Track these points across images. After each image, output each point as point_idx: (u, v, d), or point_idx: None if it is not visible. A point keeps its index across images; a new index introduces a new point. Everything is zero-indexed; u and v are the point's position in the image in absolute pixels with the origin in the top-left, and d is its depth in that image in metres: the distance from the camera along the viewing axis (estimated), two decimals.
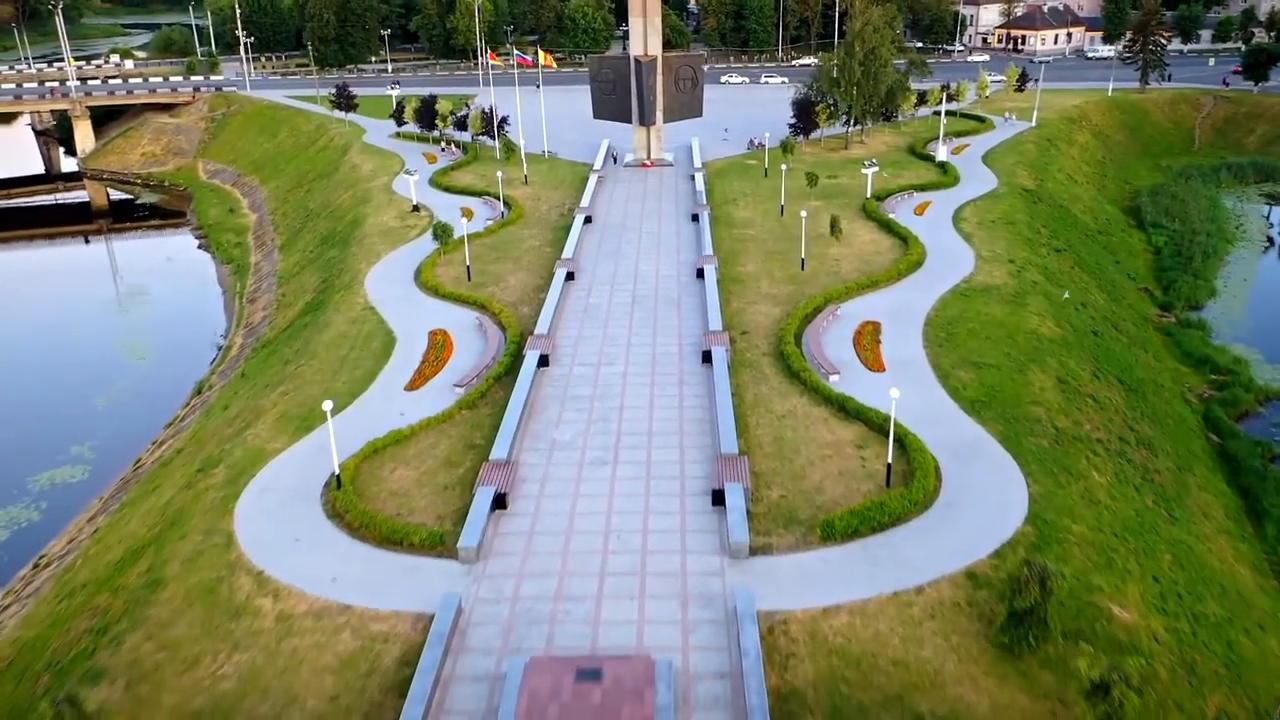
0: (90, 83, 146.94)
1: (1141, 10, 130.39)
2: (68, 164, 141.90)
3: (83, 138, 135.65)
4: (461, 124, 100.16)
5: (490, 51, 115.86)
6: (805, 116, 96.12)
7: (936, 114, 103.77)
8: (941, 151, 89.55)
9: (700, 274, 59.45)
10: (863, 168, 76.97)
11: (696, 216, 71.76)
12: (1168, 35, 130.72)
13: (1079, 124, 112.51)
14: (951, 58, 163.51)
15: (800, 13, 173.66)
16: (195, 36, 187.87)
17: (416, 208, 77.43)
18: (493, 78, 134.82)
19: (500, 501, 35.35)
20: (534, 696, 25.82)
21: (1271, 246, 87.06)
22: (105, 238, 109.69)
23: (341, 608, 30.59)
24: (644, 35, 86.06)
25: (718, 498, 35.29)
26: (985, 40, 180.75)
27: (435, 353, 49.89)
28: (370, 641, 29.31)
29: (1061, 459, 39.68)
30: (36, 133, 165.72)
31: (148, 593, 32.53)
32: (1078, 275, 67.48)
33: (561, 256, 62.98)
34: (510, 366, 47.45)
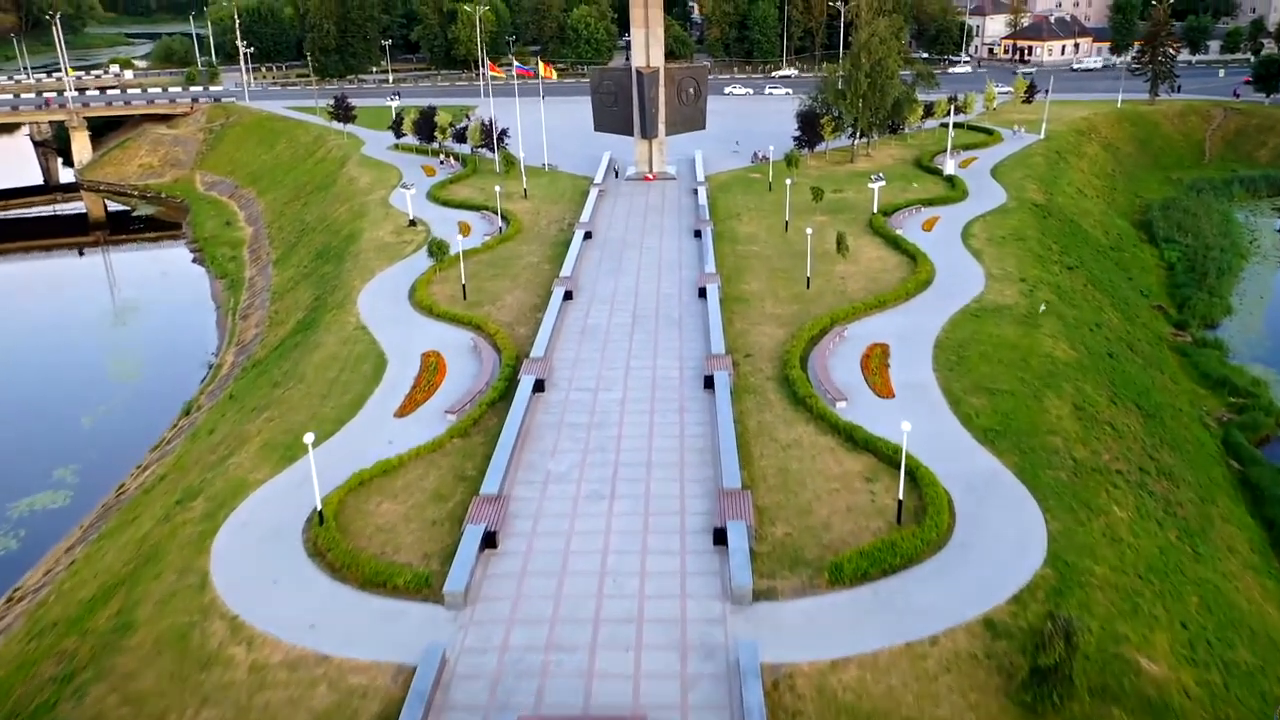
0: (88, 93, 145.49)
1: (1150, 21, 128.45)
2: (66, 175, 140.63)
3: (80, 149, 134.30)
4: (461, 136, 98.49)
5: (491, 63, 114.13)
6: (810, 129, 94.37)
7: (943, 126, 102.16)
8: (949, 165, 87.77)
9: (703, 293, 57.68)
10: (869, 182, 75.17)
11: (699, 232, 69.99)
12: (1176, 46, 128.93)
13: (1088, 136, 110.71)
14: (955, 68, 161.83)
15: (804, 23, 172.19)
16: (196, 46, 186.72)
17: (413, 222, 75.79)
18: (494, 89, 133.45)
19: (490, 540, 33.54)
20: None
21: None
22: (103, 249, 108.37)
23: (319, 658, 28.78)
24: (646, 46, 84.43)
25: (719, 536, 33.44)
26: (991, 51, 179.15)
27: (427, 376, 48.15)
28: (348, 696, 27.48)
29: (1080, 493, 37.84)
30: (35, 143, 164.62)
31: (116, 638, 30.76)
32: (1090, 293, 65.68)
33: (560, 274, 61.26)
34: (505, 391, 45.69)
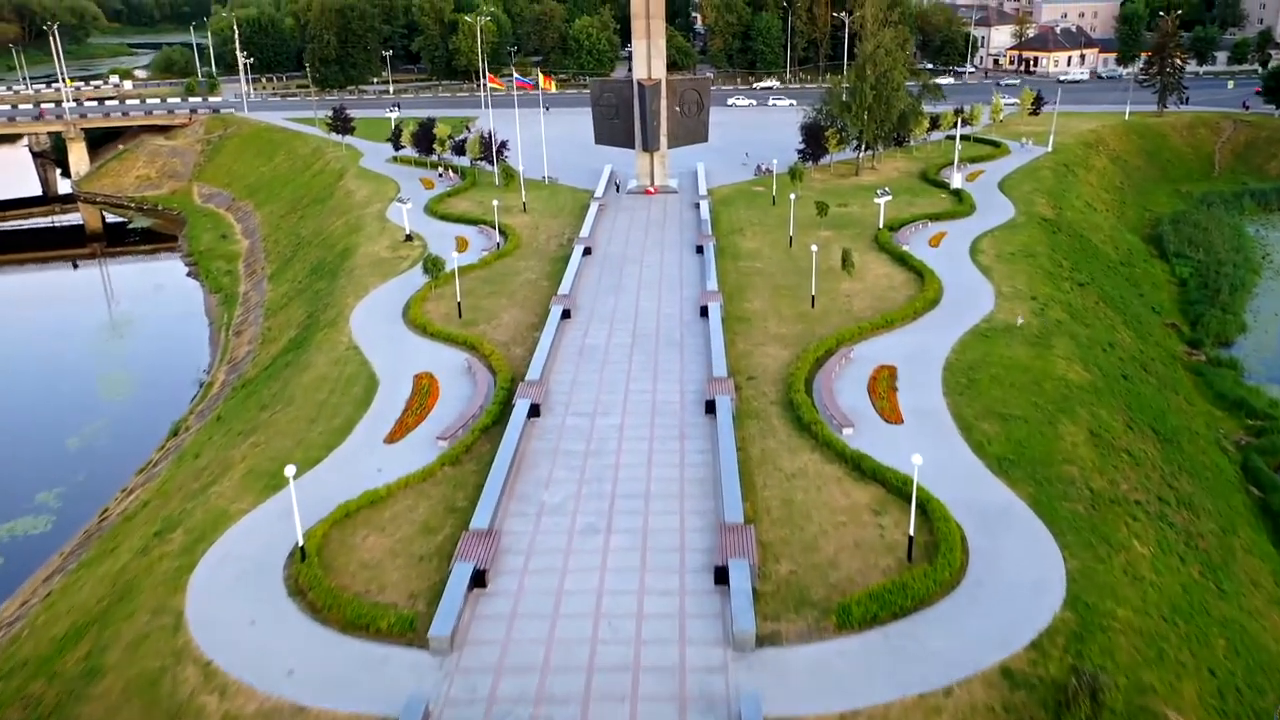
0: (86, 104, 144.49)
1: (1157, 32, 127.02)
2: (64, 186, 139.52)
3: (77, 160, 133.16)
4: (460, 148, 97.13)
5: (491, 75, 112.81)
6: (814, 142, 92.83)
7: (949, 138, 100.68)
8: (956, 179, 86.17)
9: (704, 311, 56.07)
10: (875, 196, 73.54)
11: (701, 248, 68.40)
12: (1184, 57, 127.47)
13: (1095, 149, 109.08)
14: (963, 79, 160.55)
15: (808, 34, 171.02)
16: (196, 57, 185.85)
17: (409, 237, 74.29)
18: (495, 100, 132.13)
19: (479, 579, 31.88)
20: None
21: None
22: (99, 262, 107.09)
23: (295, 708, 27.12)
24: (647, 58, 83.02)
25: (721, 575, 31.78)
26: (997, 62, 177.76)
27: (419, 399, 46.56)
28: None
29: (1099, 527, 36.14)
30: (34, 154, 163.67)
31: (84, 684, 29.15)
32: (1102, 311, 64.04)
33: (558, 292, 59.68)
34: (499, 415, 44.07)
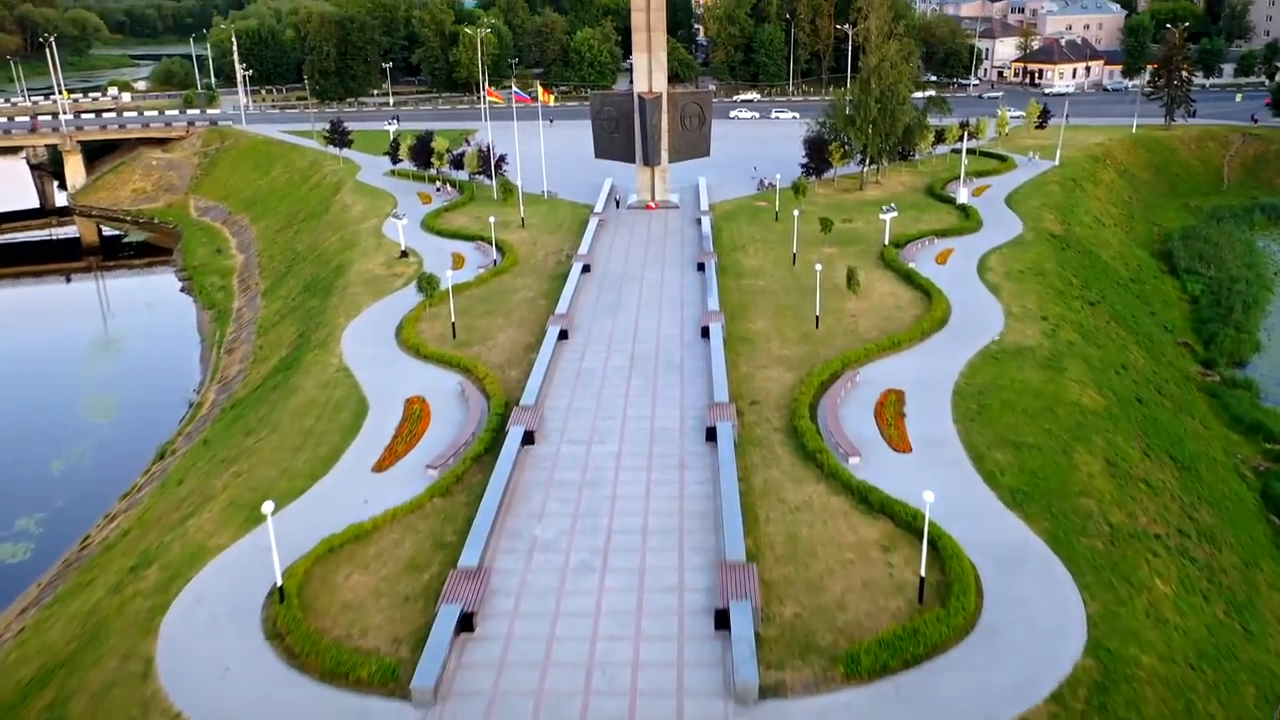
0: (83, 116, 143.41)
1: (1164, 44, 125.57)
2: (61, 199, 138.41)
3: (73, 173, 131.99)
4: (458, 162, 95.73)
5: (489, 89, 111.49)
6: (818, 155, 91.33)
7: (955, 152, 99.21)
8: (962, 194, 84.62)
9: (705, 332, 54.46)
10: (881, 212, 71.97)
11: (702, 265, 66.83)
12: (1191, 69, 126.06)
13: (1103, 162, 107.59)
14: (966, 91, 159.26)
15: (811, 46, 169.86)
16: (196, 69, 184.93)
17: (405, 253, 72.77)
18: (496, 112, 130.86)
19: (467, 622, 30.20)
20: None
21: None
22: (95, 275, 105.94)
23: None
24: (648, 71, 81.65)
25: (722, 619, 30.08)
26: (1001, 74, 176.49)
27: (410, 425, 44.94)
28: None
29: (1119, 565, 34.41)
30: (31, 166, 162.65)
31: None
32: (1114, 331, 62.40)
33: (555, 312, 58.10)
34: (491, 443, 42.40)
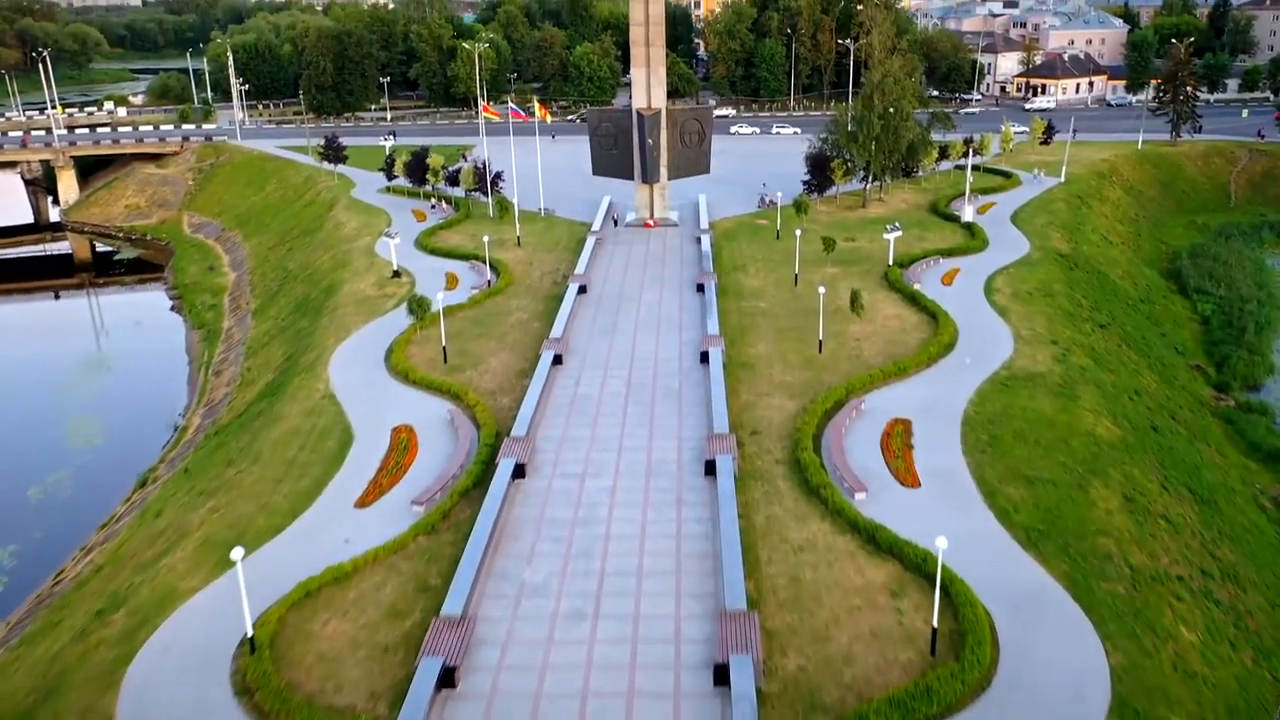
0: (77, 131, 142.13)
1: (1169, 60, 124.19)
2: (55, 214, 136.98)
3: (66, 188, 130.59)
4: (454, 179, 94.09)
5: (486, 105, 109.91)
6: (820, 172, 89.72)
7: (959, 169, 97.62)
8: (967, 211, 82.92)
9: (705, 357, 52.63)
10: (884, 231, 70.22)
11: (702, 286, 65.06)
12: (1196, 85, 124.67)
13: (1109, 179, 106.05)
14: (968, 106, 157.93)
15: (812, 61, 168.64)
16: (192, 83, 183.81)
17: (397, 273, 71.03)
18: (494, 127, 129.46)
19: (449, 677, 28.29)
20: None
21: None
22: (87, 292, 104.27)
23: None
24: (647, 87, 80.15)
25: (721, 674, 28.17)
26: (1004, 89, 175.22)
27: (396, 456, 43.12)
28: None
29: (1142, 611, 32.51)
30: (25, 182, 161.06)
31: None
32: (1126, 355, 60.64)
33: (550, 335, 56.30)
34: (481, 476, 40.57)
